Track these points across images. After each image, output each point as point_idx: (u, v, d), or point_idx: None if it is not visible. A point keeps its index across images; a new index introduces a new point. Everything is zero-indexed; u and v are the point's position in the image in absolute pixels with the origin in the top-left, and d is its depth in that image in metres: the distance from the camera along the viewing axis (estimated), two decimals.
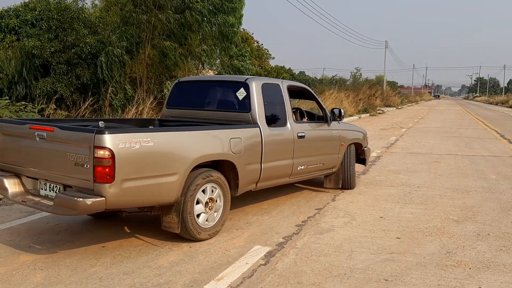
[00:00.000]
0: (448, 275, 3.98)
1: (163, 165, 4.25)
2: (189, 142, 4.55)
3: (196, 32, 14.74)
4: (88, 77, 13.13)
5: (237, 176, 5.10)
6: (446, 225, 5.49)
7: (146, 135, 4.11)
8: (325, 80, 52.07)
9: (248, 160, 5.18)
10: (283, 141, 5.79)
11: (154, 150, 4.15)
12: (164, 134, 4.40)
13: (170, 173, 4.30)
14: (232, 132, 5.06)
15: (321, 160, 6.58)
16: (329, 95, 26.06)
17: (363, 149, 7.75)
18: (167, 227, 4.55)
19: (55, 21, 13.25)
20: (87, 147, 3.88)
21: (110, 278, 3.78)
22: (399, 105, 47.60)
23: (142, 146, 4.03)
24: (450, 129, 20.00)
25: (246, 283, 3.73)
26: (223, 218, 4.96)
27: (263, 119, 5.49)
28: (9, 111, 10.24)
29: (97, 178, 3.85)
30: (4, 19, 17.50)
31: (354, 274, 3.96)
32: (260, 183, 5.51)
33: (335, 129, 6.90)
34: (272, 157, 5.53)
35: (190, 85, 6.56)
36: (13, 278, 3.76)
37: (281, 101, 5.93)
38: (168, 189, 4.31)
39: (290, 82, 6.51)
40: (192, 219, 4.53)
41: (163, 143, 4.26)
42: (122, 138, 3.92)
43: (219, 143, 4.87)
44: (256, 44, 37.19)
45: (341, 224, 5.46)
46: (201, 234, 4.66)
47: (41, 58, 13.14)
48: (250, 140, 5.24)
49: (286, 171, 5.91)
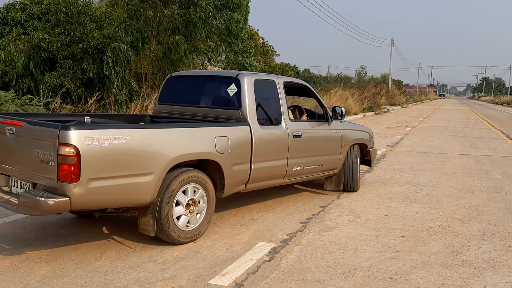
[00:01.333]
0: (453, 274, 3.97)
1: (136, 164, 3.99)
2: (166, 140, 4.29)
3: (202, 28, 14.72)
4: (94, 72, 13.15)
5: (223, 176, 4.81)
6: (451, 224, 5.48)
7: (116, 132, 3.87)
8: (330, 78, 51.99)
9: (235, 160, 4.90)
10: (277, 140, 5.49)
11: (126, 148, 3.90)
12: (138, 131, 4.15)
13: (145, 173, 4.05)
14: (218, 130, 4.81)
15: (319, 161, 6.26)
16: (334, 93, 26.00)
17: (368, 150, 7.42)
18: (143, 230, 4.29)
19: (63, 14, 13.27)
20: (52, 143, 3.68)
21: (115, 272, 3.79)
22: (404, 104, 47.46)
23: (112, 144, 3.79)
24: (455, 129, 19.93)
25: (251, 279, 3.73)
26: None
27: (255, 117, 5.21)
28: (14, 105, 10.27)
29: (61, 177, 3.64)
30: (10, 13, 17.56)
31: (359, 272, 3.95)
32: (250, 184, 5.23)
33: (336, 129, 6.56)
34: (263, 157, 5.26)
35: (182, 80, 6.28)
36: (19, 270, 3.77)
37: (276, 98, 5.65)
38: (142, 189, 4.07)
39: (287, 79, 6.20)
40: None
41: (137, 141, 4.00)
42: (89, 135, 3.69)
43: (202, 142, 4.60)
44: (261, 41, 37.15)
45: (346, 222, 5.45)
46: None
47: (48, 51, 13.18)
48: (238, 139, 4.96)
49: (280, 172, 5.62)
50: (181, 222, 4.43)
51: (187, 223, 4.49)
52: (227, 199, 5.77)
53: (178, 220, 4.40)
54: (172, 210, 4.31)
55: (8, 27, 17.36)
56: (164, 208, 4.23)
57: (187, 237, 4.48)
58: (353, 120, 22.41)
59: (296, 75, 42.55)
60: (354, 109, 26.20)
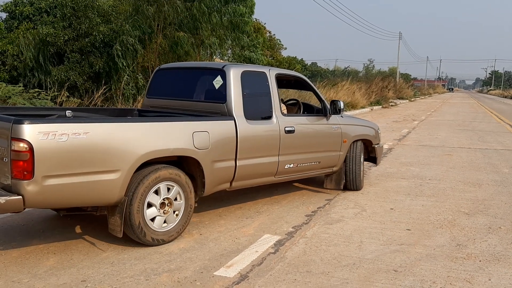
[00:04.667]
0: (458, 267, 3.97)
1: (99, 161, 3.74)
2: (134, 135, 3.99)
3: (207, 22, 14.70)
4: (101, 66, 13.20)
5: (203, 174, 4.55)
6: (457, 217, 5.47)
7: (76, 127, 3.61)
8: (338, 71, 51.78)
9: (217, 156, 4.62)
10: (266, 136, 5.18)
11: (87, 143, 3.65)
12: (101, 125, 3.86)
13: (109, 170, 3.80)
14: (196, 125, 4.52)
15: (316, 158, 5.92)
16: (341, 87, 25.91)
17: (373, 146, 7.03)
18: (112, 230, 4.05)
19: (69, 8, 13.32)
20: (6, 138, 3.48)
21: (122, 263, 3.83)
22: (412, 97, 47.19)
23: (71, 139, 3.55)
24: (463, 122, 19.82)
25: (256, 271, 3.76)
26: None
27: (241, 111, 4.91)
28: (22, 98, 10.34)
29: (15, 174, 3.45)
30: (18, 7, 17.64)
31: (363, 264, 3.97)
32: (236, 182, 4.95)
33: (336, 124, 6.20)
34: (251, 153, 4.98)
35: (170, 73, 6.00)
36: (27, 261, 3.83)
37: (266, 92, 5.33)
38: (107, 188, 3.82)
39: (280, 71, 5.87)
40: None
41: (99, 136, 3.75)
42: (44, 129, 3.45)
43: (177, 137, 4.32)
44: (268, 35, 37.06)
45: (351, 215, 5.46)
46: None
47: (55, 46, 13.24)
48: (221, 134, 4.67)
49: (270, 170, 5.32)
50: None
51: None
52: (233, 192, 5.82)
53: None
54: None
55: (16, 21, 17.46)
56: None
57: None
58: (360, 113, 22.35)
59: (303, 69, 42.47)
60: (361, 103, 26.10)
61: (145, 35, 13.90)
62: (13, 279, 3.49)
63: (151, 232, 4.14)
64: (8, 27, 17.30)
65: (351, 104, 24.20)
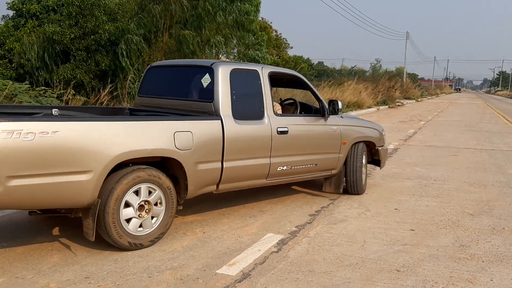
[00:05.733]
0: (461, 267, 3.97)
1: (69, 161, 3.58)
2: (108, 134, 3.81)
3: (212, 21, 14.71)
4: (107, 64, 13.26)
5: (185, 175, 4.37)
6: (461, 218, 5.45)
7: (44, 125, 3.46)
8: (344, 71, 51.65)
9: (202, 158, 4.44)
10: (256, 137, 4.97)
11: (56, 143, 3.50)
12: (71, 124, 3.68)
13: (80, 171, 3.65)
14: (178, 125, 4.33)
15: (313, 160, 5.69)
16: (347, 86, 25.86)
17: (377, 148, 6.76)
18: (85, 233, 3.87)
19: (75, 7, 13.39)
20: None
21: (125, 260, 3.85)
22: (418, 97, 47.00)
23: (38, 138, 3.40)
24: (470, 123, 19.72)
25: (258, 269, 3.77)
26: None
27: (229, 110, 4.73)
28: (28, 96, 10.41)
29: None
30: (25, 5, 17.72)
31: (366, 264, 3.97)
32: (223, 184, 4.77)
33: (335, 124, 5.94)
34: (239, 155, 4.79)
35: (161, 71, 5.83)
36: (31, 257, 3.86)
37: (258, 91, 5.12)
38: (77, 189, 3.67)
39: (274, 69, 5.66)
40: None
41: (69, 135, 3.58)
42: (8, 128, 3.30)
43: (156, 137, 4.13)
44: (275, 33, 37.05)
45: (355, 215, 5.45)
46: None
47: (61, 44, 13.32)
48: (206, 134, 4.49)
49: (261, 172, 5.11)
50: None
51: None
52: (236, 192, 5.82)
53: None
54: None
55: (23, 19, 17.55)
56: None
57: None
58: (366, 113, 22.30)
59: (309, 68, 42.41)
60: (368, 103, 26.04)
61: (150, 34, 13.95)
62: (17, 275, 3.52)
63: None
64: (15, 25, 17.39)
65: (357, 104, 24.15)
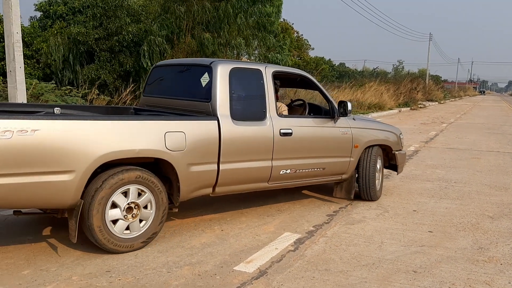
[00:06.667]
0: (479, 270, 3.95)
1: (50, 161, 3.49)
2: (91, 134, 3.70)
3: (233, 23, 14.81)
4: (130, 65, 13.49)
5: (177, 177, 4.22)
6: (481, 221, 5.41)
7: (23, 123, 3.38)
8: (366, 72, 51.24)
9: (195, 159, 4.29)
10: (256, 138, 4.79)
11: (36, 141, 3.42)
12: (51, 123, 3.55)
13: (62, 171, 3.55)
14: (169, 125, 4.20)
15: (320, 164, 5.45)
16: (368, 87, 25.71)
17: (393, 153, 6.44)
18: (70, 234, 3.76)
19: (99, 8, 13.67)
20: None
21: (145, 256, 3.95)
22: (441, 99, 46.37)
23: (16, 136, 3.33)
24: (494, 126, 19.39)
25: (275, 267, 3.82)
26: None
27: (227, 110, 4.57)
28: (54, 95, 10.68)
29: None
30: (52, 6, 18.15)
31: (383, 264, 3.98)
32: (220, 187, 4.61)
33: (345, 127, 5.69)
34: (237, 157, 4.63)
35: (165, 70, 5.71)
36: (55, 251, 3.98)
37: (260, 91, 4.94)
38: (59, 189, 3.58)
39: (279, 68, 5.48)
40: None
41: (50, 134, 3.49)
42: None
43: (145, 137, 3.99)
44: (296, 35, 37.02)
45: (373, 216, 5.46)
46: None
47: (86, 45, 13.61)
48: (200, 135, 4.33)
49: (262, 175, 4.93)
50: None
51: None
52: (254, 192, 5.85)
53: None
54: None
55: (50, 20, 17.98)
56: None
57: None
58: (388, 115, 22.15)
59: (331, 69, 42.24)
60: (389, 104, 25.86)
61: (173, 35, 14.13)
62: (41, 267, 3.65)
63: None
64: (42, 26, 17.83)
65: (379, 106, 23.99)
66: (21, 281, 3.40)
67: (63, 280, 3.43)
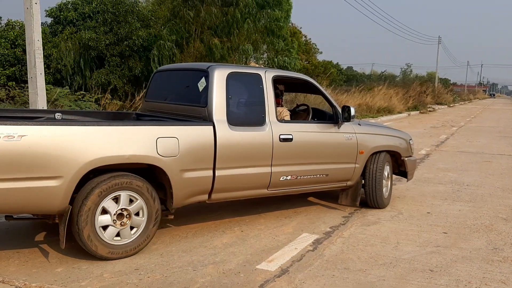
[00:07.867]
0: (494, 269, 4.05)
1: (37, 166, 3.48)
2: (79, 139, 3.66)
3: (241, 28, 14.97)
4: (140, 70, 13.68)
5: (170, 184, 4.15)
6: (495, 222, 5.50)
7: (9, 129, 3.37)
8: (374, 75, 51.25)
9: (189, 165, 4.21)
10: (254, 144, 4.70)
11: (23, 147, 3.41)
12: (38, 128, 3.54)
13: (49, 176, 3.53)
14: (161, 130, 4.11)
15: (323, 170, 5.33)
16: (377, 91, 25.76)
17: (402, 159, 6.27)
18: (60, 240, 3.73)
19: (110, 14, 13.88)
20: None
21: (170, 255, 4.10)
22: (451, 103, 46.22)
23: (3, 142, 3.33)
24: (505, 129, 19.38)
25: (296, 266, 3.95)
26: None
27: (223, 115, 4.48)
28: (68, 100, 10.88)
29: None
30: (63, 12, 18.40)
31: (400, 264, 4.10)
32: (216, 194, 4.52)
33: (350, 132, 5.56)
34: (234, 163, 4.53)
35: (166, 75, 5.68)
36: (84, 250, 4.12)
37: (259, 95, 4.86)
38: (47, 195, 3.56)
39: (280, 72, 5.38)
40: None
41: (37, 140, 3.48)
42: None
43: (135, 143, 3.93)
44: (304, 39, 37.14)
45: (388, 218, 5.57)
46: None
47: (96, 50, 13.83)
48: (194, 141, 4.25)
49: (261, 181, 4.83)
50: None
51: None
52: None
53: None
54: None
55: (61, 26, 18.23)
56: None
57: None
58: (397, 119, 22.19)
59: (339, 73, 42.31)
60: (398, 108, 25.89)
61: (182, 40, 14.31)
62: (73, 265, 3.80)
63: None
64: (53, 31, 18.08)
65: (388, 109, 24.05)
66: (56, 277, 3.56)
67: (95, 277, 3.58)
